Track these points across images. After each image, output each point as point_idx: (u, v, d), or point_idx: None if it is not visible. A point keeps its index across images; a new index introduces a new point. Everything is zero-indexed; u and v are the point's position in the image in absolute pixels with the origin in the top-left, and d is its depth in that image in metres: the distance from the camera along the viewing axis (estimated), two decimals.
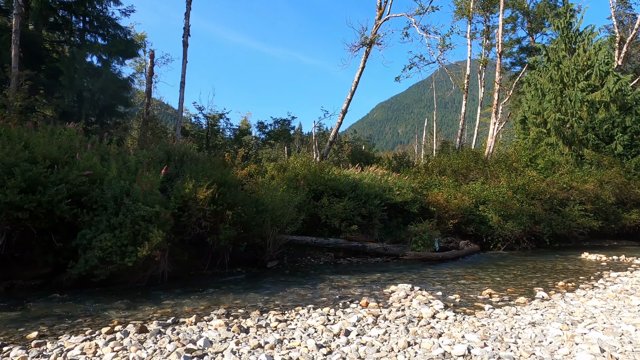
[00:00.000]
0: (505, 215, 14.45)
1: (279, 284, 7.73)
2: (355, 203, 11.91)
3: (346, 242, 11.26)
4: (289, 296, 6.54)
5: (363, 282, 7.79)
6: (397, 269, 9.71)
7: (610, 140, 18.55)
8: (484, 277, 8.33)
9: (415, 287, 6.57)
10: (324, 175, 12.47)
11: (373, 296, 6.33)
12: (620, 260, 11.30)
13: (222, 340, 3.90)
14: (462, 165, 18.06)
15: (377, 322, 4.52)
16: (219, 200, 8.08)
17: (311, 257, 11.14)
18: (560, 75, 19.92)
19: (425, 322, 4.44)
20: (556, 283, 7.28)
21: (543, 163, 17.90)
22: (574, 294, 6.10)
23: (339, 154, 21.53)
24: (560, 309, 5.00)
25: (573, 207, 15.69)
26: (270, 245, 9.71)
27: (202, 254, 8.57)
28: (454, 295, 6.05)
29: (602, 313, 4.63)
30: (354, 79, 16.54)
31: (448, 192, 15.09)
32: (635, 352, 3.10)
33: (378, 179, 13.29)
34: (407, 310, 5.11)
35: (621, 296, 5.67)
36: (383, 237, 12.56)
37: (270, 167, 12.69)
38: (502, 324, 4.27)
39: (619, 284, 6.99)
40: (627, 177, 17.23)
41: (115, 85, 15.78)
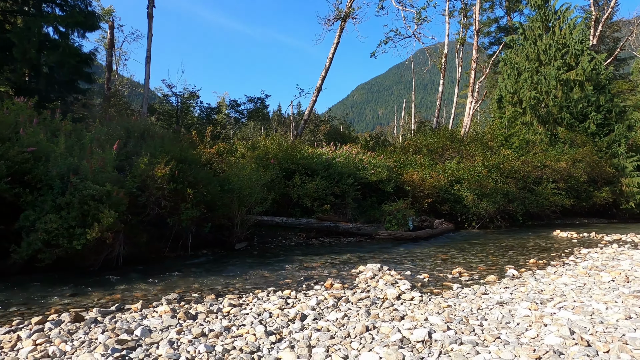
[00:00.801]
0: (479, 194, 14.39)
1: (244, 266, 7.36)
2: (328, 182, 11.57)
3: (318, 222, 10.95)
4: (252, 279, 6.19)
5: (332, 262, 7.50)
6: (370, 248, 9.47)
7: (584, 119, 18.65)
8: (456, 255, 8.16)
9: (384, 267, 6.31)
10: (296, 153, 12.05)
11: (339, 277, 6.04)
12: (590, 237, 11.37)
13: (164, 328, 3.52)
14: (438, 144, 17.89)
15: (338, 305, 4.22)
16: (179, 178, 7.59)
17: (282, 238, 10.80)
18: (536, 53, 19.80)
19: (388, 304, 4.15)
20: (527, 260, 7.14)
21: (518, 142, 17.90)
22: (544, 271, 5.95)
23: (315, 133, 21.10)
24: (530, 287, 4.81)
25: (546, 186, 15.78)
26: (238, 226, 9.30)
27: (164, 236, 8.10)
28: (423, 275, 5.81)
29: (573, 291, 4.44)
30: (329, 55, 16.00)
31: (424, 171, 14.91)
32: (607, 334, 2.87)
33: (352, 158, 12.96)
34: (372, 291, 4.83)
35: (591, 273, 5.53)
36: (357, 216, 12.31)
37: (241, 146, 12.18)
38: (469, 304, 4.02)
39: (590, 261, 6.90)
40: (598, 155, 17.41)
41: (75, 59, 14.78)
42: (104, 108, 11.73)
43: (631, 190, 17.27)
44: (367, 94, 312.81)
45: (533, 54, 19.91)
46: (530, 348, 2.62)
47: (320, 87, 15.98)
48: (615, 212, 18.30)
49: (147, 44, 15.22)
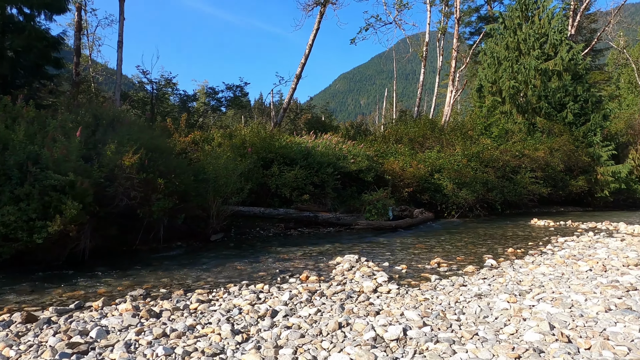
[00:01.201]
0: (459, 183, 14.41)
1: (219, 258, 7.12)
2: (307, 172, 11.35)
3: (297, 212, 10.74)
4: (226, 272, 5.97)
5: (310, 254, 7.32)
6: (349, 239, 9.33)
7: (561, 109, 18.85)
8: (435, 245, 8.09)
9: (362, 258, 6.16)
10: (275, 142, 11.77)
11: (316, 269, 5.86)
12: (567, 225, 11.49)
13: (123, 328, 3.28)
14: (418, 133, 17.83)
15: (312, 299, 4.03)
16: (149, 168, 7.25)
17: (260, 229, 10.57)
18: (516, 42, 19.85)
19: (364, 298, 3.99)
20: (506, 250, 7.11)
21: (497, 131, 17.98)
22: (522, 260, 5.90)
23: (295, 122, 20.77)
24: (509, 277, 4.72)
25: (524, 175, 15.92)
26: (214, 217, 9.02)
27: (134, 228, 7.76)
28: (401, 266, 5.68)
29: (551, 281, 4.37)
30: (309, 42, 15.64)
31: (404, 161, 14.84)
32: (587, 328, 2.77)
33: (332, 147, 12.75)
34: (348, 284, 4.66)
35: (569, 262, 5.49)
36: (337, 206, 12.15)
37: (218, 135, 11.82)
38: (446, 297, 3.89)
39: (567, 249, 6.90)
40: (575, 144, 17.65)
41: (42, 43, 14.04)
42: (73, 94, 11.17)
43: (606, 179, 17.60)
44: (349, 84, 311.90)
45: (513, 44, 19.96)
46: (509, 346, 2.48)
47: (300, 75, 15.65)
48: (590, 201, 18.65)
49: (119, 27, 14.58)
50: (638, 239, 7.86)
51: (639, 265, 4.99)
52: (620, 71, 38.94)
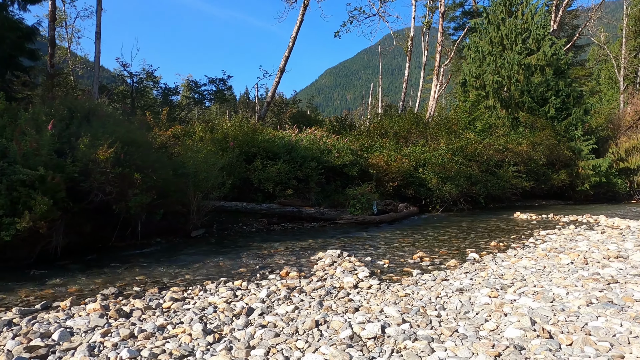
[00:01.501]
0: (443, 177, 14.43)
1: (199, 254, 6.94)
2: (291, 166, 11.21)
3: (280, 207, 10.59)
4: (205, 268, 5.81)
5: (292, 249, 7.20)
6: (332, 234, 9.22)
7: (544, 103, 19.03)
8: (418, 239, 8.04)
9: (344, 253, 6.06)
10: (257, 136, 11.58)
11: (297, 265, 5.74)
12: (549, 218, 11.59)
13: (89, 330, 3.11)
14: (403, 127, 17.81)
15: (290, 296, 3.91)
16: (125, 162, 7.01)
17: (243, 224, 10.40)
18: (499, 37, 19.94)
19: (344, 294, 3.88)
20: (489, 243, 7.09)
21: (481, 125, 18.07)
22: (505, 254, 5.87)
23: (280, 116, 20.54)
24: (491, 271, 4.67)
25: (507, 169, 16.04)
26: (194, 213, 8.82)
27: (111, 224, 7.53)
28: (384, 261, 5.59)
29: (533, 275, 4.32)
30: (292, 35, 15.41)
31: (389, 155, 14.78)
32: (569, 323, 2.71)
33: (316, 141, 12.61)
34: (328, 280, 4.55)
35: (551, 255, 5.48)
36: (321, 201, 12.04)
37: (199, 128, 11.57)
38: (427, 292, 3.81)
39: (549, 242, 6.92)
40: (557, 139, 17.84)
41: (15, 33, 13.54)
42: (47, 87, 10.78)
43: (586, 172, 17.85)
44: (335, 78, 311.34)
45: (496, 38, 20.04)
46: (489, 343, 2.40)
47: (284, 68, 15.42)
48: (571, 194, 18.92)
49: (96, 19, 14.15)
50: (618, 231, 7.93)
51: (619, 257, 4.99)
52: (601, 67, 39.58)
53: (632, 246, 5.84)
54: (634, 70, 35.23)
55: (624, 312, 2.88)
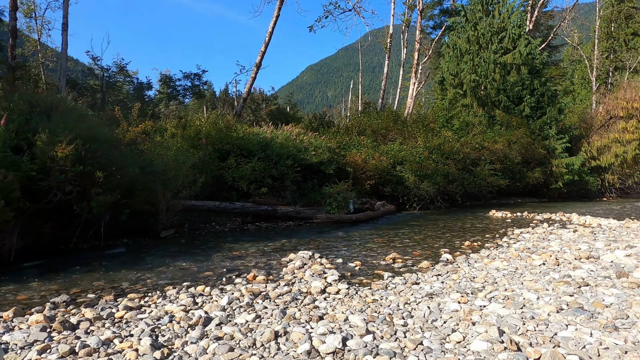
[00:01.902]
0: (421, 175, 14.42)
1: (166, 256, 6.66)
2: (266, 164, 10.96)
3: (255, 206, 10.35)
4: (170, 271, 5.54)
5: (264, 250, 6.98)
6: (307, 233, 9.04)
7: (519, 102, 19.26)
8: (393, 238, 7.93)
9: (316, 254, 5.88)
10: (232, 133, 11.28)
11: (267, 267, 5.53)
12: (523, 216, 11.69)
13: (27, 345, 2.84)
14: (381, 125, 17.74)
15: (253, 303, 3.71)
16: (87, 160, 6.66)
17: (216, 224, 10.12)
18: (476, 36, 20.07)
19: (310, 300, 3.70)
20: (463, 243, 7.03)
21: (458, 124, 18.16)
22: (478, 254, 5.79)
23: (257, 112, 20.23)
24: (463, 273, 4.57)
25: (484, 167, 16.17)
26: (164, 212, 8.51)
27: (72, 225, 7.16)
28: (355, 263, 5.44)
29: (505, 277, 4.24)
30: (268, 29, 15.10)
31: (366, 153, 14.68)
32: (538, 333, 2.59)
33: (292, 139, 12.38)
34: (296, 284, 4.36)
35: (523, 255, 5.42)
36: (297, 199, 11.84)
37: (171, 125, 11.19)
38: (396, 297, 3.66)
39: (522, 241, 6.90)
40: (532, 137, 18.09)
41: None
42: (8, 80, 10.22)
43: (560, 170, 18.16)
44: (316, 75, 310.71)
45: (474, 37, 20.17)
46: (454, 358, 2.26)
47: (260, 64, 15.12)
48: (545, 192, 19.24)
49: (63, 8, 13.56)
50: (589, 230, 8.00)
51: (590, 258, 4.96)
52: (575, 67, 40.55)
53: (602, 245, 5.85)
54: (606, 71, 36.18)
55: (594, 319, 2.79)
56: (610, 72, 36.30)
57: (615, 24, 37.42)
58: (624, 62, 35.36)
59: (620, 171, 19.11)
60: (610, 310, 2.91)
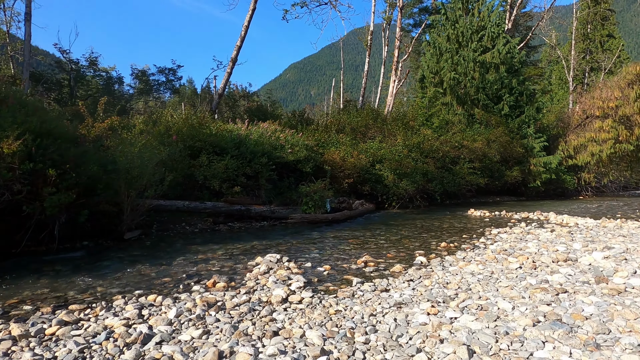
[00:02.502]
0: (400, 173, 14.22)
1: (126, 260, 6.23)
2: (239, 162, 10.57)
3: (227, 205, 9.94)
4: (124, 278, 5.13)
5: (232, 253, 6.62)
6: (281, 234, 8.70)
7: (498, 101, 19.26)
8: (369, 239, 7.66)
9: (284, 257, 5.55)
10: (204, 130, 10.84)
11: (231, 272, 5.18)
12: (501, 215, 11.59)
13: None
14: (361, 123, 17.49)
15: (205, 315, 3.35)
16: (39, 157, 6.17)
17: (187, 224, 9.69)
18: (456, 34, 20.00)
19: (268, 312, 3.37)
20: (439, 244, 6.79)
21: (438, 122, 18.05)
22: (454, 256, 5.55)
23: (234, 109, 19.71)
24: (436, 278, 4.30)
25: (463, 165, 16.07)
26: (128, 213, 8.04)
27: (24, 226, 6.65)
28: (324, 267, 5.12)
29: (479, 282, 3.98)
30: (244, 23, 14.65)
31: (345, 151, 14.40)
32: (511, 353, 2.32)
33: (268, 136, 12.00)
34: (257, 292, 4.03)
35: (500, 257, 5.20)
36: (272, 198, 11.48)
37: (140, 121, 10.68)
38: (362, 307, 3.36)
39: (499, 242, 6.71)
40: (510, 136, 18.10)
41: None
42: None
43: (538, 169, 18.23)
44: (299, 73, 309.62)
45: (453, 35, 20.08)
46: None
47: (236, 59, 14.66)
48: (524, 190, 19.31)
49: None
50: (567, 229, 7.88)
51: (568, 260, 4.77)
52: (552, 68, 41.18)
53: (580, 247, 5.68)
54: (583, 71, 36.83)
55: (574, 334, 2.54)
56: (587, 73, 36.95)
57: (591, 25, 38.15)
58: (600, 63, 36.06)
59: (596, 170, 19.33)
60: (591, 323, 2.67)
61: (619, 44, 37.54)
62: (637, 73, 16.73)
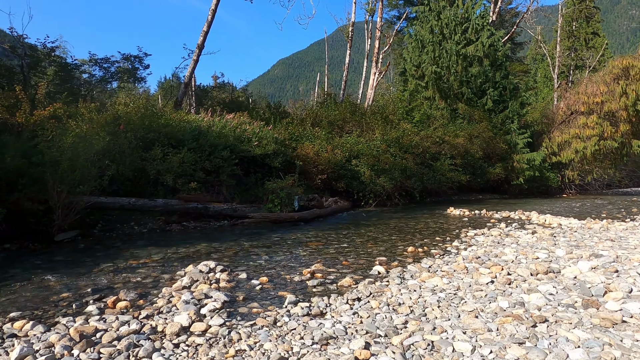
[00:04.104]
0: (378, 169, 13.43)
1: (36, 268, 5.32)
2: (197, 155, 9.64)
3: (181, 203, 9.01)
4: (17, 292, 4.24)
5: (169, 258, 5.73)
6: (237, 235, 7.82)
7: (482, 95, 18.59)
8: (331, 242, 6.83)
9: (219, 266, 4.68)
10: (158, 119, 9.87)
11: (151, 285, 4.31)
12: (481, 214, 10.88)
13: None
14: (338, 116, 16.63)
15: (62, 357, 2.46)
16: None
17: (136, 224, 8.75)
18: (440, 26, 19.25)
19: (146, 353, 2.50)
20: (407, 249, 5.99)
21: (419, 116, 17.30)
22: (419, 265, 4.74)
23: (204, 100, 18.63)
24: (388, 297, 3.48)
25: (444, 162, 15.36)
26: (60, 212, 7.08)
27: None
28: (262, 279, 4.27)
29: (439, 304, 3.17)
30: (211, 7, 13.60)
31: (320, 145, 13.53)
32: None
33: (232, 128, 11.08)
34: (158, 316, 3.15)
35: (471, 267, 4.41)
36: (236, 196, 10.58)
37: (85, 109, 9.65)
38: (275, 344, 2.51)
39: (474, 246, 5.94)
40: (494, 132, 17.45)
41: None
42: None
43: (521, 166, 17.64)
44: (288, 69, 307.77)
45: (437, 27, 19.34)
46: None
47: (203, 45, 13.62)
48: (506, 188, 18.74)
49: None
50: (549, 231, 7.16)
51: (549, 272, 3.99)
52: (538, 66, 40.87)
53: (563, 253, 4.93)
54: (567, 68, 36.55)
55: None
56: (571, 71, 36.68)
57: (576, 22, 37.90)
58: (585, 60, 35.81)
59: (580, 167, 18.81)
60: None
61: (603, 42, 37.37)
62: (624, 67, 16.19)
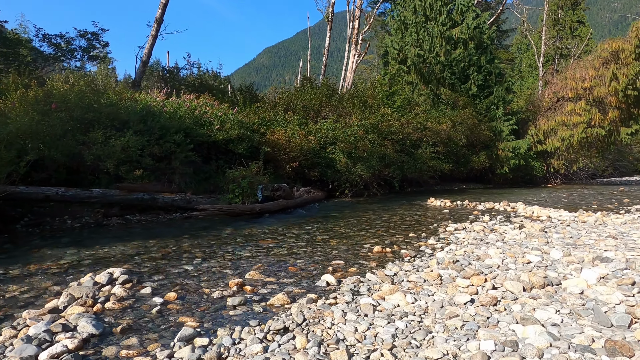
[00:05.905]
0: (354, 157, 12.41)
1: None
2: (145, 139, 8.46)
3: (123, 193, 7.86)
4: None
5: (78, 263, 4.64)
6: (181, 231, 6.71)
7: (466, 80, 17.67)
8: (287, 240, 5.79)
9: (123, 276, 3.62)
10: (98, 98, 8.63)
11: (24, 303, 3.23)
12: (464, 205, 9.99)
13: None
14: (314, 101, 15.52)
15: None
16: None
17: (70, 217, 7.60)
18: (424, 6, 18.19)
19: None
20: (372, 249, 4.99)
21: (400, 101, 16.28)
22: (381, 273, 3.74)
23: (168, 81, 17.26)
24: (327, 326, 2.47)
25: (425, 149, 14.44)
26: None
27: None
28: (170, 294, 3.22)
29: (394, 342, 2.17)
30: None
31: (292, 130, 12.43)
32: None
33: (187, 109, 9.89)
34: None
35: (446, 276, 3.44)
36: (194, 185, 9.45)
37: (11, 85, 8.36)
38: None
39: (452, 245, 4.98)
40: (478, 118, 16.58)
41: None
42: None
43: (506, 154, 16.86)
44: (274, 58, 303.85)
45: (420, 8, 18.28)
46: None
47: (161, 19, 12.31)
48: (491, 177, 18.00)
49: None
50: (539, 225, 6.25)
51: (546, 286, 3.03)
52: (523, 55, 40.23)
53: (560, 255, 4.00)
54: (552, 57, 35.93)
55: None
56: (556, 59, 36.09)
57: (562, 10, 37.25)
58: (570, 49, 35.23)
59: (566, 156, 18.14)
60: None
61: (588, 32, 36.84)
62: (613, 50, 15.41)
